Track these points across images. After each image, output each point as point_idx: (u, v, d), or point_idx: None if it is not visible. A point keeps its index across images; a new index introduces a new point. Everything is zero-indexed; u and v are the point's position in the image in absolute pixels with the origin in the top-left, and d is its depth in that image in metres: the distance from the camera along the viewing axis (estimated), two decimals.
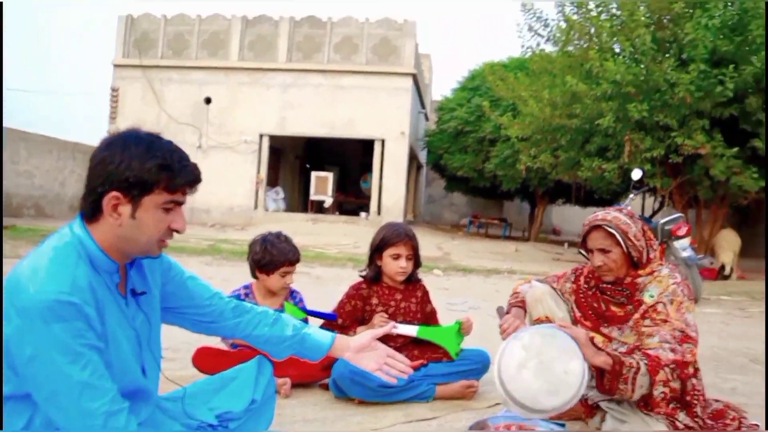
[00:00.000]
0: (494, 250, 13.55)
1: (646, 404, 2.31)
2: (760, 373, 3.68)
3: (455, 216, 26.40)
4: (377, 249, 2.93)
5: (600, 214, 2.46)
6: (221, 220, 17.28)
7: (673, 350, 2.21)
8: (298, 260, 2.99)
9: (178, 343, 3.53)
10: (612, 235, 2.37)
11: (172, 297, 1.73)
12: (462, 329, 2.68)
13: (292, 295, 3.11)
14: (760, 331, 5.20)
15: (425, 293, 3.07)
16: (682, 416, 2.33)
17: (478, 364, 2.87)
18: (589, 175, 10.80)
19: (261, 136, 17.84)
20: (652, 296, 2.38)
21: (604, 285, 2.49)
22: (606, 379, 2.16)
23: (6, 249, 7.60)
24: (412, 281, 3.02)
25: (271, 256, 2.88)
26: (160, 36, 18.29)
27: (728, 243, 10.24)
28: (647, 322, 2.34)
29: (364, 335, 1.87)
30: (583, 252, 2.55)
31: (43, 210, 15.10)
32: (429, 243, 13.57)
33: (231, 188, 17.46)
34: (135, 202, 1.43)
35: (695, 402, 2.37)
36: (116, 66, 18.47)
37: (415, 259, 2.96)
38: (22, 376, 1.33)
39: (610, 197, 16.69)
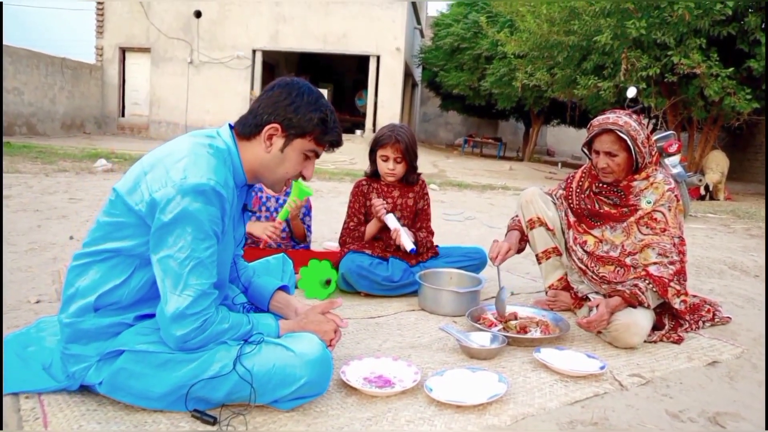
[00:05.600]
0: (489, 169, 13.71)
1: (674, 315, 2.53)
2: (736, 278, 3.94)
3: (450, 135, 26.35)
4: (372, 149, 3.02)
5: (611, 117, 2.47)
6: None
7: (672, 262, 2.41)
8: None
9: None
10: (621, 140, 2.43)
11: None
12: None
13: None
14: (741, 244, 5.46)
15: (423, 188, 3.12)
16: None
17: (476, 260, 3.07)
18: (584, 93, 10.81)
19: (254, 51, 17.50)
20: (649, 202, 2.51)
21: (600, 185, 2.62)
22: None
23: (4, 163, 7.65)
24: (409, 183, 3.06)
25: None
26: None
27: (717, 164, 10.35)
28: (645, 230, 2.50)
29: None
30: (585, 151, 2.63)
31: (35, 128, 14.88)
32: (424, 161, 13.67)
33: (224, 105, 17.29)
34: (288, 139, 1.67)
35: None
36: None
37: (408, 162, 2.96)
38: (152, 235, 1.52)
39: None
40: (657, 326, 2.48)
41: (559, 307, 2.79)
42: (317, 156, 1.74)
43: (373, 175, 3.07)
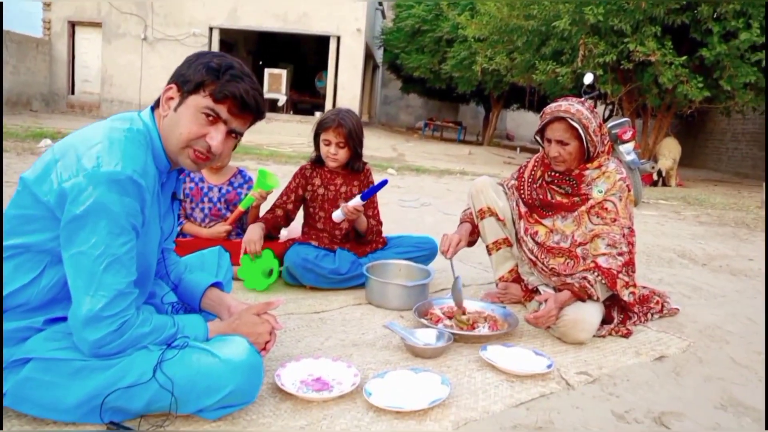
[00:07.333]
0: (448, 153, 13.68)
1: (623, 308, 2.50)
2: (685, 266, 3.97)
3: (411, 118, 26.26)
4: (316, 132, 2.88)
5: (563, 104, 2.40)
6: None
7: (620, 254, 2.37)
8: None
9: None
10: (573, 129, 2.37)
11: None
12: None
13: (241, 173, 3.08)
14: (691, 231, 5.54)
15: (368, 177, 2.99)
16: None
17: (426, 251, 2.98)
18: (543, 78, 10.82)
19: (211, 29, 16.98)
20: (600, 191, 2.47)
21: (552, 174, 2.56)
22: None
23: None
24: (354, 170, 2.94)
25: None
26: None
27: (670, 151, 10.55)
28: (596, 219, 2.45)
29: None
30: (537, 139, 2.56)
31: None
32: (384, 144, 13.59)
33: None
34: (183, 97, 1.50)
35: None
36: None
37: (351, 148, 2.83)
38: (62, 230, 1.38)
39: None
40: (606, 320, 2.45)
41: (509, 299, 2.74)
42: (224, 121, 1.51)
43: (318, 160, 2.93)
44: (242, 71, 1.53)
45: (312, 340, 2.16)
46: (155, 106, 1.57)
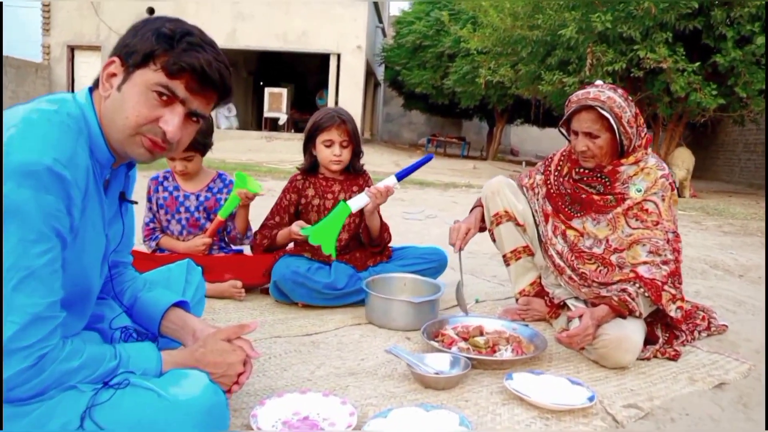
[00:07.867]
0: (452, 168, 13.37)
1: (668, 326, 2.14)
2: (720, 278, 3.60)
3: (414, 135, 26.01)
4: (310, 137, 2.55)
5: (592, 91, 2.06)
6: None
7: (665, 262, 2.01)
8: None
9: None
10: (603, 119, 2.03)
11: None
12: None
13: (221, 177, 2.73)
14: (717, 241, 5.17)
15: (367, 181, 2.67)
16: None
17: (434, 263, 2.61)
18: (549, 89, 10.50)
19: None
20: (639, 190, 2.11)
21: (580, 171, 2.20)
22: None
23: None
24: (354, 172, 2.64)
25: None
26: None
27: (683, 161, 10.23)
28: (635, 222, 2.10)
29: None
30: (563, 132, 2.22)
31: None
32: (386, 160, 13.29)
33: None
34: (128, 73, 1.20)
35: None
36: None
37: (354, 147, 2.57)
38: None
39: None
40: (649, 339, 2.08)
41: (532, 316, 2.37)
42: (181, 101, 1.20)
43: (310, 168, 2.61)
44: (202, 38, 1.22)
45: (300, 369, 1.79)
46: (94, 86, 1.25)
